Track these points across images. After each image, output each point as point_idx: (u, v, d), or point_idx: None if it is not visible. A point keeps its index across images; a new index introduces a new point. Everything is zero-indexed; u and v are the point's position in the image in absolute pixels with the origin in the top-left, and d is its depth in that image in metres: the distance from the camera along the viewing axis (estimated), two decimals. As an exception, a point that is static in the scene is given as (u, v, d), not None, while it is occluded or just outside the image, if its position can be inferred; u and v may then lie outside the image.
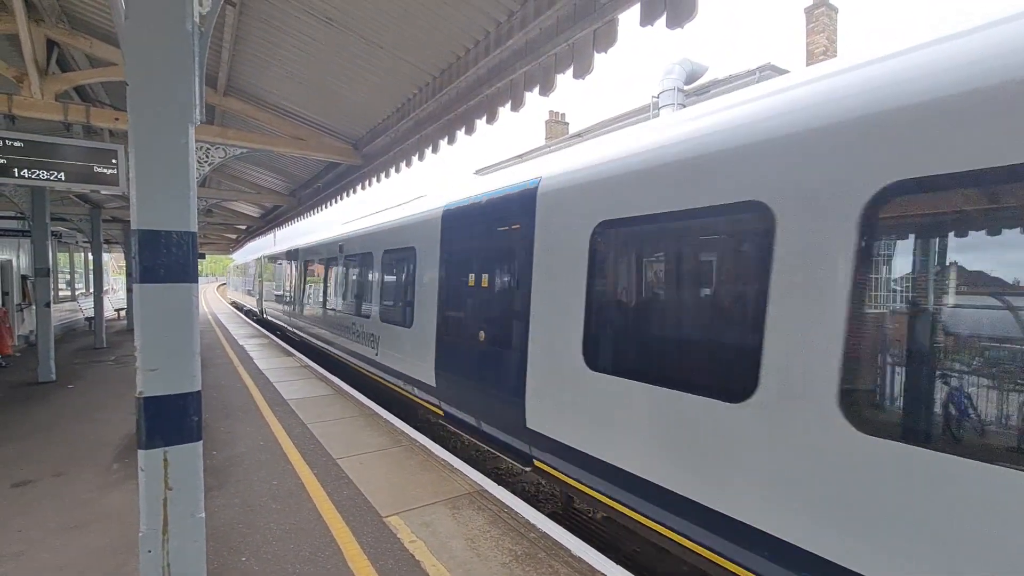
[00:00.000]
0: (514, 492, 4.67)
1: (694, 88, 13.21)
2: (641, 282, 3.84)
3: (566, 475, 4.25)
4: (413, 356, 7.02)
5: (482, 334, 5.51)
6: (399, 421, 6.62)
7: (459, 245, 6.19)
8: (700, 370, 3.26)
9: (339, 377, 9.61)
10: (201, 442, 2.45)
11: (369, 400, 7.76)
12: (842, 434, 2.46)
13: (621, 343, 3.86)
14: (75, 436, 5.96)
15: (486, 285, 5.54)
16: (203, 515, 2.45)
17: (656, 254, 3.79)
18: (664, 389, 3.33)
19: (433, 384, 6.42)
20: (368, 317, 8.92)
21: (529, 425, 4.59)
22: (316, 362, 11.38)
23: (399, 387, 7.61)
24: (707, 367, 3.23)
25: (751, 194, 2.93)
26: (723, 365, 3.12)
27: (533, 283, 4.63)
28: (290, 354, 12.41)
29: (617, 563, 3.43)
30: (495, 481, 4.81)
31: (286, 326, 16.54)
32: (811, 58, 13.25)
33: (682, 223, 3.37)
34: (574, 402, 4.08)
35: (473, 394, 5.65)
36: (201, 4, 2.47)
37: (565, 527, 4.09)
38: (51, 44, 5.56)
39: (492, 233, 5.47)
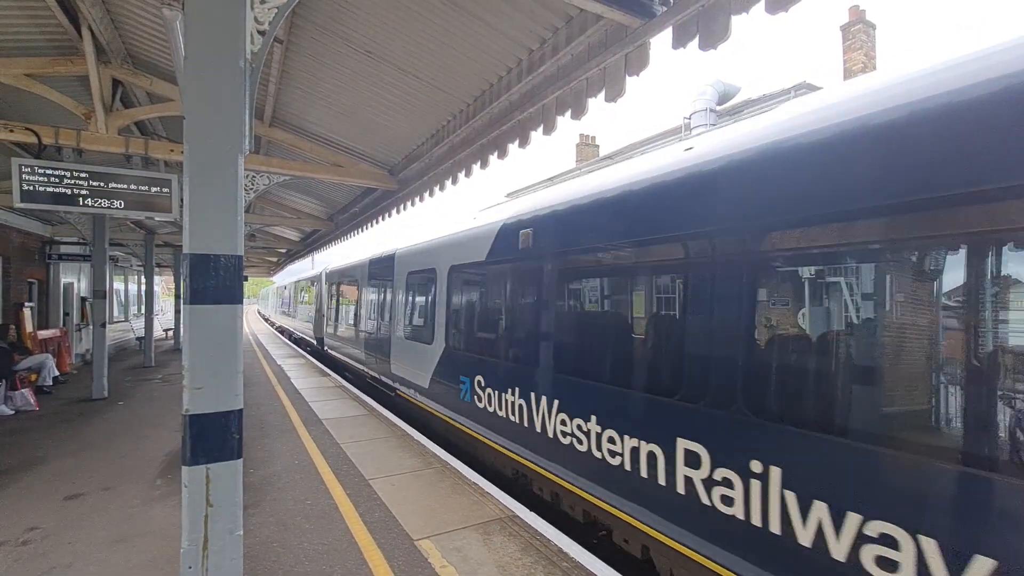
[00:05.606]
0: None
1: (727, 108, 13.10)
2: (371, 300, 10.71)
3: (405, 392, 8.55)
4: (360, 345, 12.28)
5: (382, 329, 10.27)
6: (431, 443, 6.61)
7: (370, 281, 11.43)
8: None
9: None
10: (241, 460, 2.50)
11: (401, 421, 7.81)
12: None
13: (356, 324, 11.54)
14: (123, 451, 6.21)
15: (359, 302, 12.11)
16: (241, 532, 2.49)
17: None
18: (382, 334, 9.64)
19: (364, 358, 11.51)
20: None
21: (392, 371, 9.23)
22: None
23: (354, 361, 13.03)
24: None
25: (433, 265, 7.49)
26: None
27: (360, 301, 11.85)
28: (326, 374, 12.66)
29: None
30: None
31: None
32: (849, 75, 12.95)
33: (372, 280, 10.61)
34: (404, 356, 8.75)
35: (380, 362, 10.11)
36: (253, 43, 2.62)
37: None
38: (116, 83, 6.03)
39: (374, 278, 10.91)
